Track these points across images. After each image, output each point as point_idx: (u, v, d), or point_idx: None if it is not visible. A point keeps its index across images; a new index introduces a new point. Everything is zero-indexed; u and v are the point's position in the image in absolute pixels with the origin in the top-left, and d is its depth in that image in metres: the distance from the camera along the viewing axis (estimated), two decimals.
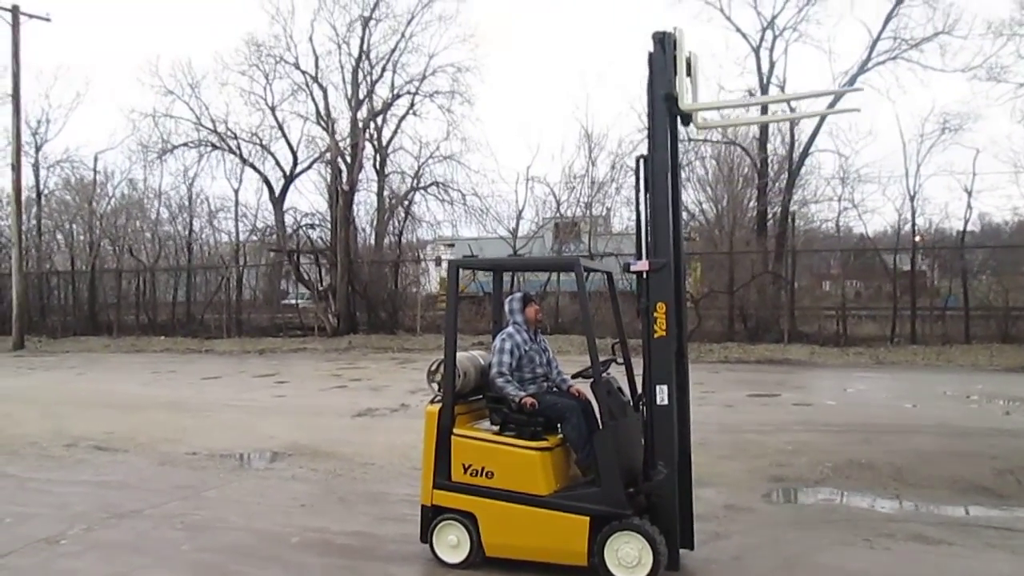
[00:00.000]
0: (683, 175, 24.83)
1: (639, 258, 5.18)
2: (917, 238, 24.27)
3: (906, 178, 22.14)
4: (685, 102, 5.22)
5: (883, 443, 9.01)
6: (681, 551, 5.16)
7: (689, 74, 5.26)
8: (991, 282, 22.18)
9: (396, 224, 28.20)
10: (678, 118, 5.32)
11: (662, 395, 5.01)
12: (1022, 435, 9.42)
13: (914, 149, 21.93)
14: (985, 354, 17.47)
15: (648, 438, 5.08)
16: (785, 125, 23.49)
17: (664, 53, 5.13)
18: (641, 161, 5.23)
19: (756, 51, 23.28)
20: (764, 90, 23.15)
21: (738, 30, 23.40)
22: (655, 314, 5.02)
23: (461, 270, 5.82)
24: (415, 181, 27.26)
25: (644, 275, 5.09)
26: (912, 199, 21.77)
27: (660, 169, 5.14)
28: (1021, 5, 20.65)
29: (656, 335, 5.03)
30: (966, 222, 22.03)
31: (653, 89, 5.17)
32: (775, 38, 23.17)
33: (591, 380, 5.19)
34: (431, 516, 5.36)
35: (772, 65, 23.25)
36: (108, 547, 5.94)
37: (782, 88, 23.29)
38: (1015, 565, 5.45)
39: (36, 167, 30.89)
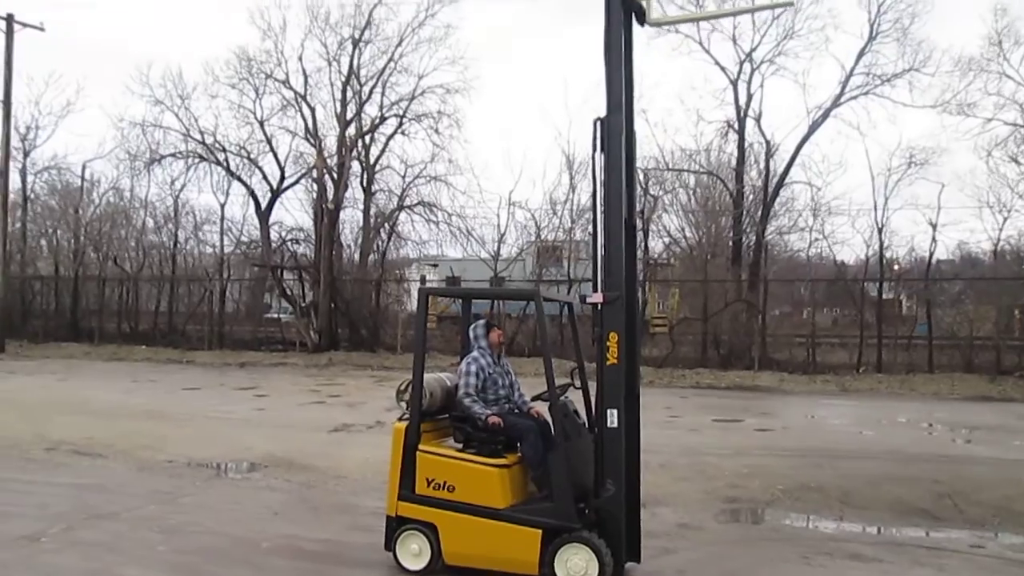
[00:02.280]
0: (665, 201, 25.47)
1: (595, 288, 5.51)
2: (895, 267, 24.95)
3: (874, 211, 22.83)
4: None
5: (835, 467, 9.44)
6: (628, 564, 5.59)
7: None
8: (954, 313, 22.80)
9: (381, 242, 28.53)
10: (633, 16, 5.56)
11: (612, 418, 5.36)
12: (967, 461, 9.88)
13: (882, 182, 22.64)
14: (947, 383, 18.00)
15: (598, 458, 5.44)
16: (761, 156, 24.14)
17: None
18: (598, 124, 5.49)
19: (734, 83, 23.93)
20: (742, 124, 23.80)
21: (717, 63, 24.05)
22: (607, 343, 5.37)
23: (432, 296, 6.21)
24: (401, 200, 27.62)
25: (599, 306, 5.44)
26: (880, 231, 22.48)
27: (615, 130, 5.40)
28: (989, 42, 21.42)
29: (608, 362, 5.38)
30: (931, 254, 22.83)
31: None
32: (752, 71, 23.85)
33: (548, 402, 5.58)
34: (395, 526, 5.72)
35: (750, 97, 23.92)
36: (87, 546, 6.26)
37: (758, 120, 23.95)
38: None
39: (23, 172, 31.08)
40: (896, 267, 25.21)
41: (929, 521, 7.48)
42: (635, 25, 5.80)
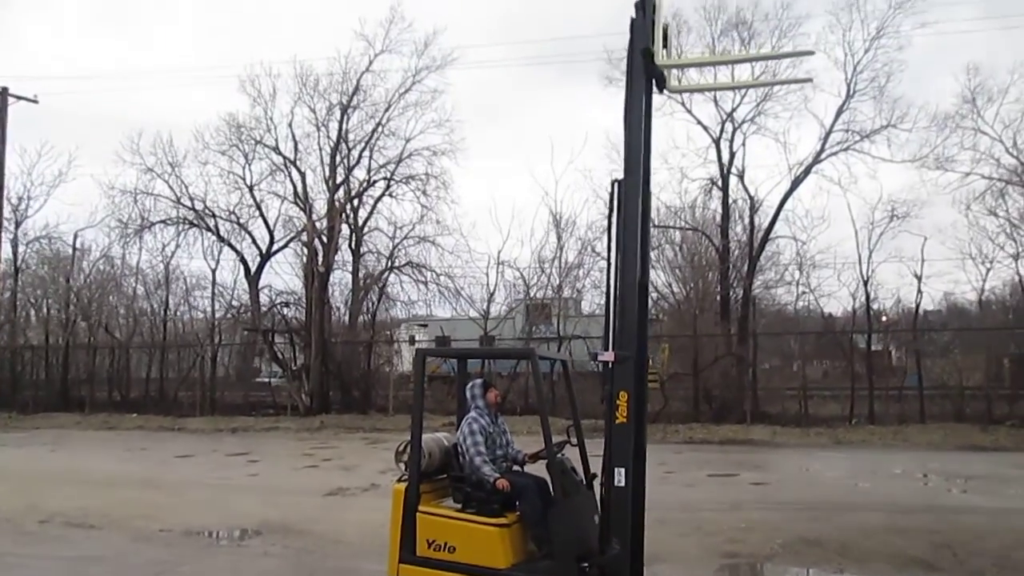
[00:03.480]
0: (653, 256, 25.72)
1: (606, 346, 5.50)
2: (883, 318, 25.17)
3: (859, 263, 23.12)
4: (659, 59, 5.59)
5: (832, 520, 9.47)
6: None
7: (665, 44, 5.63)
8: (943, 363, 22.98)
9: (370, 304, 28.60)
10: (653, 83, 5.69)
11: (620, 477, 5.33)
12: (963, 511, 9.93)
13: (866, 235, 22.99)
14: (940, 433, 18.05)
15: (605, 516, 5.45)
16: (745, 212, 24.51)
17: (644, 16, 5.57)
18: (615, 185, 5.60)
19: (716, 143, 24.37)
20: (725, 181, 24.24)
21: (699, 122, 24.48)
22: (617, 401, 5.36)
23: (428, 356, 6.32)
24: (390, 261, 27.78)
25: (610, 364, 5.43)
26: (866, 283, 22.76)
27: (632, 192, 5.50)
28: (963, 100, 22.02)
29: (617, 421, 5.37)
30: (917, 305, 23.04)
31: (633, 49, 5.57)
32: (734, 130, 24.28)
33: (546, 460, 5.64)
34: None
35: (732, 155, 24.34)
36: None
37: (741, 177, 24.38)
38: None
39: (15, 242, 31.17)
40: (884, 318, 25.46)
41: (928, 572, 7.51)
42: (655, 90, 5.88)
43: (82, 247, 31.75)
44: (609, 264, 5.61)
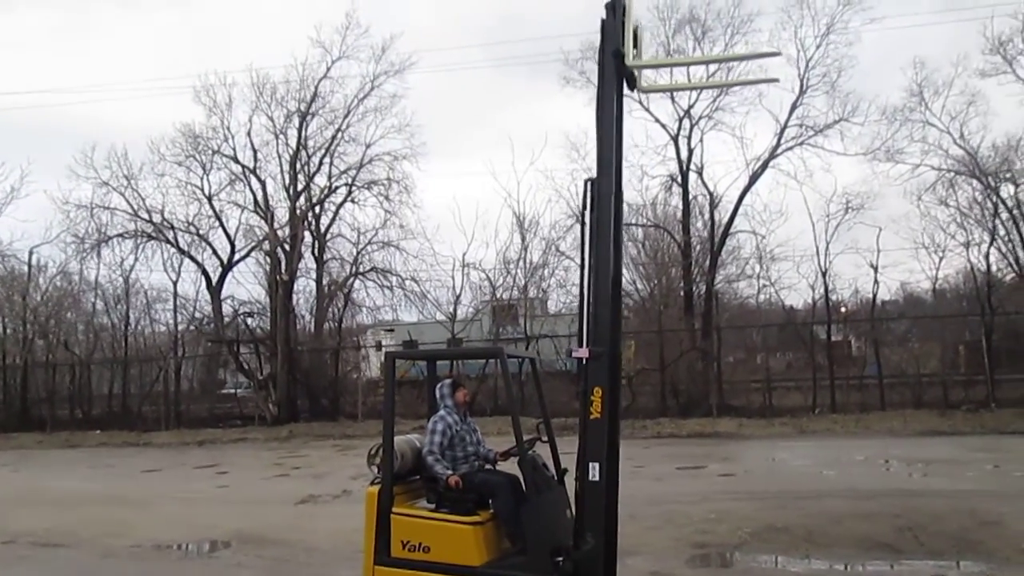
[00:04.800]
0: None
1: (580, 343, 5.54)
2: (842, 309, 25.62)
3: (817, 256, 23.56)
4: (630, 59, 5.66)
5: (798, 508, 9.67)
6: None
7: (636, 46, 5.71)
8: (901, 352, 23.48)
9: (336, 310, 28.45)
10: (624, 83, 5.74)
11: (593, 472, 5.39)
12: (924, 495, 10.19)
13: (822, 228, 23.43)
14: (900, 420, 18.45)
15: (579, 511, 5.50)
16: (706, 208, 24.85)
17: (614, 17, 5.64)
18: (588, 184, 5.67)
19: (675, 139, 24.71)
20: (685, 178, 24.56)
21: (657, 120, 24.81)
22: (592, 397, 5.42)
23: (398, 359, 6.36)
24: (354, 267, 27.66)
25: (584, 361, 5.49)
26: (824, 275, 23.19)
27: (606, 191, 5.56)
28: (910, 93, 22.56)
29: (592, 416, 5.43)
30: (874, 296, 23.58)
31: (604, 50, 5.66)
32: (692, 127, 24.66)
33: (517, 457, 5.71)
34: None
35: (691, 152, 24.69)
36: None
37: (700, 173, 24.73)
38: None
39: None
40: (843, 309, 25.93)
41: (892, 554, 7.70)
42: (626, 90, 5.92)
43: (38, 264, 31.14)
44: (583, 262, 5.65)
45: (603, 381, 5.44)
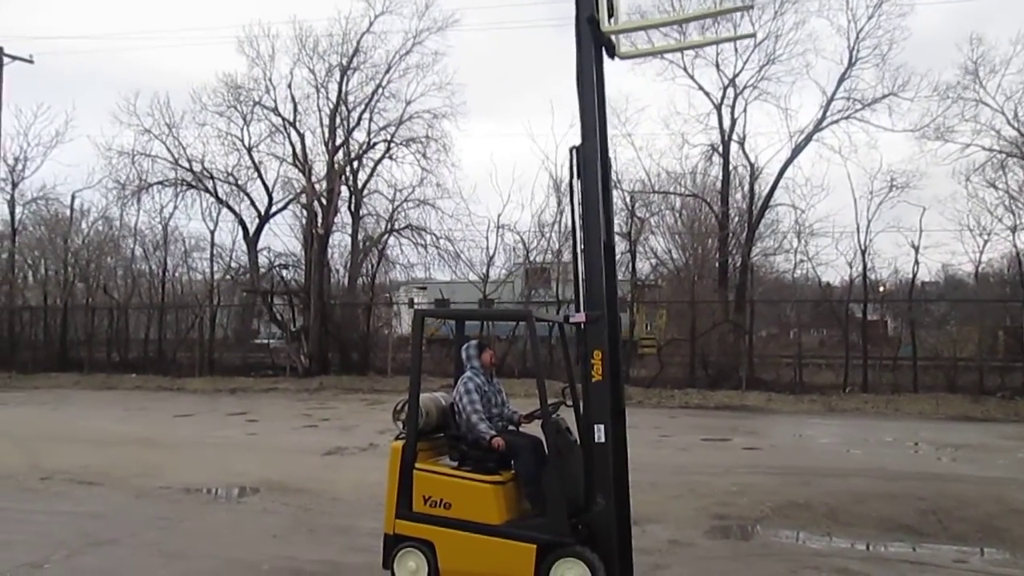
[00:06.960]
0: (652, 223, 25.77)
1: (578, 308, 5.68)
2: (881, 289, 25.21)
3: (857, 233, 23.07)
4: (605, 25, 5.70)
5: (822, 485, 9.61)
6: None
7: (611, 12, 5.74)
8: (938, 334, 23.08)
9: (370, 266, 28.64)
10: (604, 51, 5.77)
11: (599, 433, 5.50)
12: (951, 479, 10.08)
13: (864, 205, 22.92)
14: (932, 403, 18.22)
15: (587, 472, 5.56)
16: (746, 179, 24.50)
17: None
18: (573, 151, 5.72)
19: (718, 108, 24.30)
20: (726, 148, 24.18)
21: (700, 88, 24.43)
22: (592, 360, 5.54)
23: (427, 318, 6.39)
24: (389, 224, 27.75)
25: (582, 325, 5.62)
26: (864, 253, 22.73)
27: (591, 157, 5.62)
28: (965, 71, 21.85)
29: (593, 379, 5.54)
30: (914, 276, 23.04)
31: (579, 16, 5.66)
32: (736, 96, 24.20)
33: (541, 420, 5.74)
34: (393, 544, 5.83)
35: (733, 121, 24.30)
36: (89, 571, 6.36)
37: (742, 144, 24.36)
38: None
39: (12, 203, 31.08)
40: (881, 288, 25.51)
41: (914, 537, 7.65)
42: (606, 58, 5.98)
43: (80, 208, 31.69)
44: (574, 228, 5.74)
45: (602, 344, 5.54)
